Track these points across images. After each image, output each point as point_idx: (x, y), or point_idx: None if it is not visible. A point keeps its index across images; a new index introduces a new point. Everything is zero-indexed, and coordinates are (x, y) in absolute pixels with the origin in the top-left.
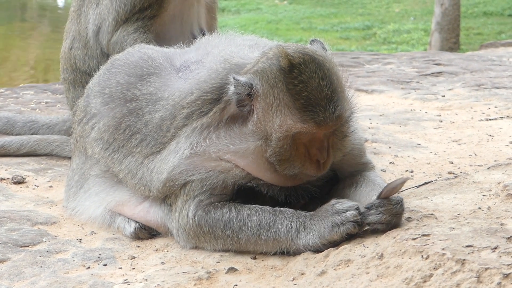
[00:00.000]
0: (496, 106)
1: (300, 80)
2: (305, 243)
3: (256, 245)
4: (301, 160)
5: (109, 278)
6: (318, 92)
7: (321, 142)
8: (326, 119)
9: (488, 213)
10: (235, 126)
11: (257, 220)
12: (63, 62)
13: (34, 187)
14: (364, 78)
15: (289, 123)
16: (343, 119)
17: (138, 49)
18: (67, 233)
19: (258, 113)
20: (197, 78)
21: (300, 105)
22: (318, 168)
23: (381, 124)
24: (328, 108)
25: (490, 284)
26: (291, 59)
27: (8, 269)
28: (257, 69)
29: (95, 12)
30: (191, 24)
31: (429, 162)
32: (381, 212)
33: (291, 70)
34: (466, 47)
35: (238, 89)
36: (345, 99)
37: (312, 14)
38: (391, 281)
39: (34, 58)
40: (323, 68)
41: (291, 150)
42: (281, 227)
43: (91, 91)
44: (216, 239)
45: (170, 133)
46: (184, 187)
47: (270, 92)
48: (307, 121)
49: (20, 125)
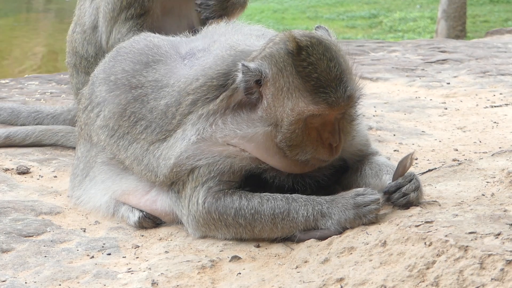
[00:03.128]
0: (501, 93)
1: (309, 62)
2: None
3: (271, 233)
4: (313, 145)
5: (113, 267)
6: (327, 74)
7: (332, 125)
8: (338, 100)
9: (492, 199)
10: (242, 113)
11: (270, 209)
12: (67, 45)
13: (39, 177)
14: (369, 66)
15: (301, 106)
16: (354, 99)
17: (144, 37)
18: (71, 222)
19: (268, 98)
20: (202, 65)
21: (311, 87)
22: (331, 152)
23: (386, 111)
24: (338, 88)
25: (493, 270)
26: (299, 42)
27: (12, 259)
28: (264, 55)
29: (91, 6)
30: (189, 17)
31: (434, 149)
32: (403, 193)
33: (299, 52)
34: (472, 35)
35: (247, 76)
36: (353, 80)
37: (318, 3)
38: (394, 268)
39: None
40: (331, 50)
41: (303, 135)
42: (297, 216)
43: (96, 78)
44: (228, 227)
45: (175, 120)
46: (192, 173)
47: (279, 77)
48: (319, 102)
49: (25, 116)
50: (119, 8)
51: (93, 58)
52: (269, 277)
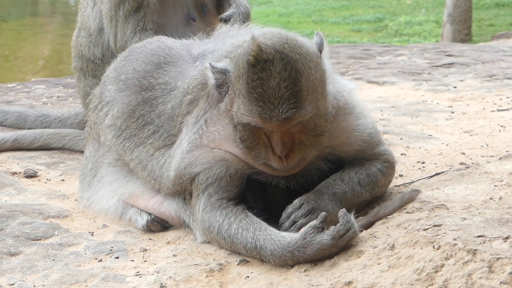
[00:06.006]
0: (508, 96)
1: (259, 76)
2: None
3: (247, 256)
4: (265, 151)
5: (121, 271)
6: (273, 91)
7: (279, 137)
8: (271, 118)
9: (500, 203)
10: (219, 111)
11: (242, 242)
12: (73, 50)
13: (46, 181)
14: (376, 69)
15: (241, 111)
16: (293, 121)
17: (157, 38)
18: (79, 226)
19: (230, 95)
20: (205, 65)
21: (253, 99)
22: (280, 161)
23: (393, 115)
24: (278, 107)
25: (502, 273)
26: (258, 55)
27: (20, 262)
28: (234, 55)
29: (94, 10)
30: (184, 7)
31: (441, 153)
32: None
33: (254, 65)
34: (478, 39)
35: (215, 74)
36: (310, 103)
37: (324, 6)
38: (403, 272)
39: (46, 53)
40: (291, 69)
41: (254, 137)
42: (265, 254)
43: (107, 77)
44: (215, 238)
45: (178, 123)
46: (193, 181)
47: (236, 81)
48: (253, 114)
49: (32, 119)
50: (115, 5)
51: (100, 61)
52: (277, 281)
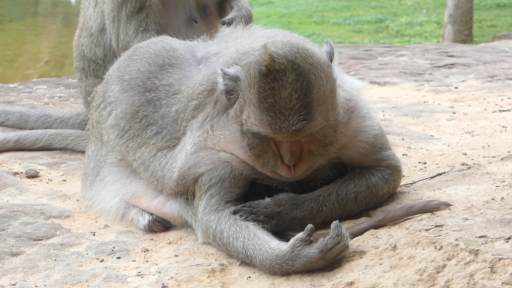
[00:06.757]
0: (509, 97)
1: (271, 87)
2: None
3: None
4: (274, 159)
5: (122, 271)
6: (284, 102)
7: (288, 147)
8: (281, 129)
9: (502, 203)
10: (228, 115)
11: (235, 249)
12: (74, 50)
13: (48, 181)
14: (377, 70)
15: (251, 120)
16: (303, 133)
17: (161, 39)
18: (81, 226)
19: (240, 102)
20: (209, 70)
21: (264, 108)
22: (288, 170)
23: (394, 116)
24: (289, 118)
25: (504, 274)
26: (270, 65)
27: (22, 262)
28: (245, 63)
29: (96, 10)
30: (186, 8)
31: (442, 153)
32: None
33: (267, 75)
34: (479, 39)
35: (225, 81)
36: (320, 114)
37: (325, 7)
38: (404, 272)
39: (47, 53)
40: (303, 80)
41: (262, 145)
42: (255, 263)
43: (110, 77)
44: (212, 241)
45: (182, 127)
46: (196, 182)
47: (247, 89)
48: (264, 124)
49: (34, 120)
50: (117, 6)
51: (101, 60)
52: (279, 281)
